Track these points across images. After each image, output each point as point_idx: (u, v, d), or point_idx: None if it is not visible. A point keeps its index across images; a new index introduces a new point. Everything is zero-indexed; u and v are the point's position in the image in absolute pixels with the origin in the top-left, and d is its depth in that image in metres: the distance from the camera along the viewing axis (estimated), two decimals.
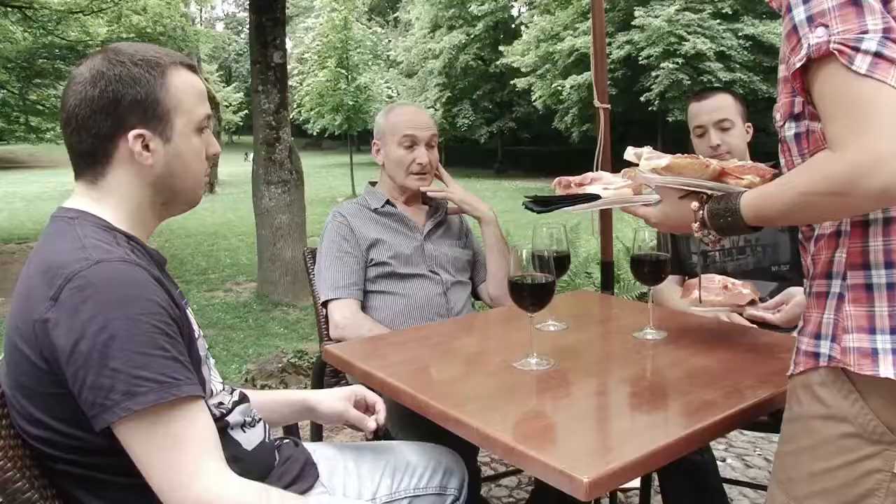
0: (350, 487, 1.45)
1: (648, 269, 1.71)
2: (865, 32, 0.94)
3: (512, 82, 26.93)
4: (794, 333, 1.17)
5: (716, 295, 1.82)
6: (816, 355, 1.07)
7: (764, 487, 2.59)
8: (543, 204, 1.52)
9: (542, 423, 1.27)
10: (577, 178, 1.63)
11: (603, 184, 1.58)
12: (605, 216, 2.83)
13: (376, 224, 2.22)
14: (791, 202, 1.04)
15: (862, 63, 0.93)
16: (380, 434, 1.66)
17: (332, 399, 1.50)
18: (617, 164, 2.89)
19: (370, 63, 23.79)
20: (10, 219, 14.12)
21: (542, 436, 1.22)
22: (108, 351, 0.97)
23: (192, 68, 1.22)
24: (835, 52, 0.94)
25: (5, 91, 13.19)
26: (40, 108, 14.06)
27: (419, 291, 2.14)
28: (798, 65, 0.99)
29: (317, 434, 2.20)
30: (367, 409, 1.52)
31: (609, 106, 2.67)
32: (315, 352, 3.55)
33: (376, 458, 1.52)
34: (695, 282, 1.89)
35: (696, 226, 1.28)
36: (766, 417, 1.62)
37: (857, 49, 0.94)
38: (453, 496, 1.53)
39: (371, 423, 1.48)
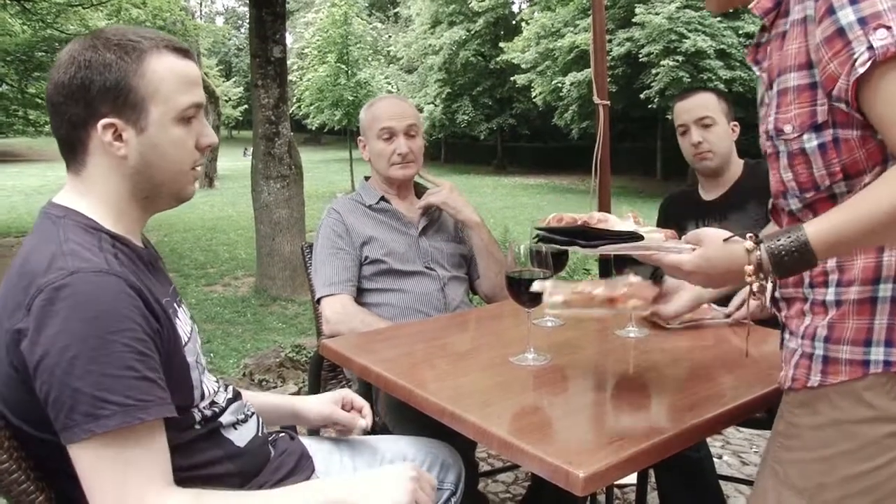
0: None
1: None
2: None
3: (512, 79, 26.89)
4: (818, 342, 1.10)
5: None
6: (865, 363, 1.04)
7: None
8: (566, 236, 1.29)
9: (539, 419, 1.27)
10: (582, 216, 1.54)
11: (612, 226, 1.44)
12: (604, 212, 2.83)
13: (371, 220, 2.22)
14: (879, 222, 0.95)
15: None
16: (377, 429, 1.67)
17: (319, 403, 1.51)
18: (616, 161, 2.90)
19: (370, 58, 23.75)
20: (9, 212, 14.10)
21: (538, 431, 1.22)
22: (73, 370, 0.94)
23: (183, 52, 1.13)
24: None
25: (4, 84, 13.17)
26: (39, 101, 14.03)
27: (416, 287, 2.14)
28: (862, 69, 0.95)
29: (314, 429, 2.21)
30: (354, 411, 1.53)
31: (609, 102, 2.67)
32: (313, 346, 3.56)
33: (373, 452, 1.52)
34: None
35: (749, 269, 1.05)
36: (762, 414, 1.62)
37: None
38: (450, 490, 1.53)
39: (361, 421, 1.49)
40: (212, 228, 11.18)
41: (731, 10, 1.18)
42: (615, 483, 2.52)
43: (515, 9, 32.04)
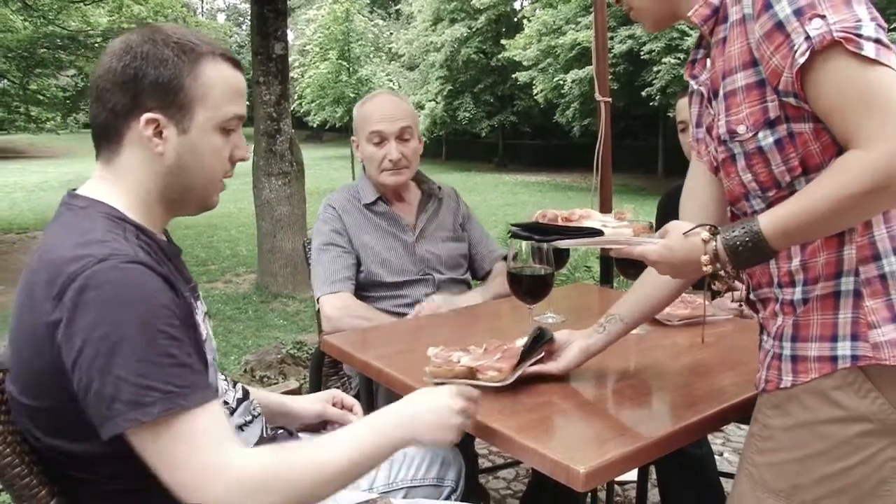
0: None
1: (634, 265, 1.72)
2: (860, 21, 0.93)
3: (513, 76, 26.83)
4: (786, 342, 1.10)
5: (682, 309, 1.82)
6: (833, 359, 1.04)
7: None
8: (541, 233, 1.40)
9: (540, 415, 1.28)
10: (564, 213, 1.57)
11: (594, 221, 1.50)
12: (606, 210, 2.83)
13: (366, 223, 2.16)
14: (829, 210, 0.96)
15: (869, 49, 0.91)
16: None
17: (309, 402, 1.51)
18: (617, 159, 2.90)
19: (371, 55, 23.74)
20: (11, 208, 14.11)
21: (539, 427, 1.22)
22: (113, 359, 0.92)
23: (235, 63, 1.14)
24: (840, 40, 0.92)
25: (6, 80, 13.17)
26: (41, 97, 14.04)
27: (412, 292, 2.12)
28: (802, 60, 0.95)
29: (313, 428, 2.21)
30: (345, 410, 1.54)
31: (610, 99, 2.67)
32: (314, 343, 3.56)
33: None
34: None
35: (706, 258, 1.07)
36: None
37: (860, 36, 0.92)
38: (450, 487, 1.54)
39: (352, 417, 1.50)
40: (213, 225, 11.18)
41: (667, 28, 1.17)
42: (616, 480, 2.53)
43: (517, 6, 31.97)
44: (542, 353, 1.38)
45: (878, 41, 0.92)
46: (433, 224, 2.25)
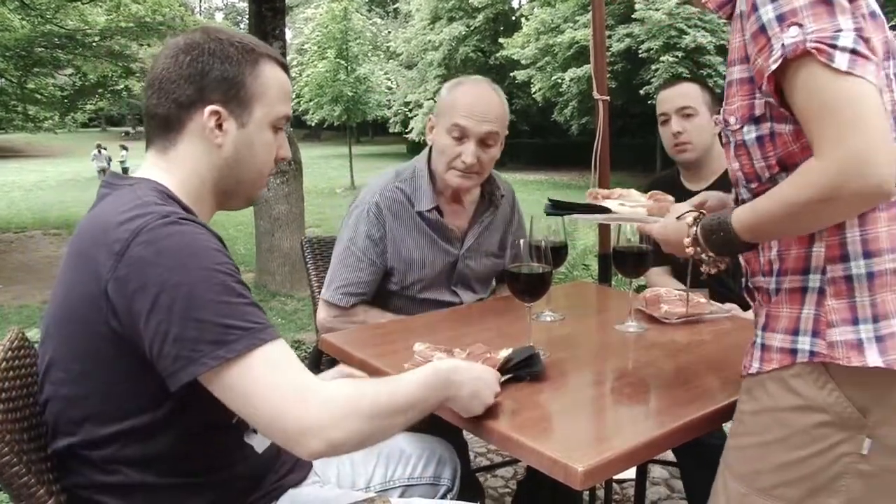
0: (344, 476, 1.45)
1: (630, 262, 1.73)
2: (839, 31, 0.93)
3: (511, 74, 26.84)
4: (759, 330, 1.14)
5: (681, 307, 1.83)
6: (793, 351, 1.07)
7: None
8: (560, 208, 1.54)
9: (538, 413, 1.28)
10: (605, 192, 1.62)
11: (627, 200, 1.56)
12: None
13: (416, 233, 1.97)
14: (782, 213, 1.01)
15: (842, 61, 0.92)
16: None
17: (324, 375, 1.49)
18: (615, 157, 2.89)
19: (370, 54, 23.71)
20: (8, 207, 14.10)
21: (537, 425, 1.22)
22: (192, 302, 0.95)
23: (285, 67, 1.21)
24: (812, 50, 0.93)
25: (3, 79, 13.14)
26: (38, 96, 14.01)
27: (433, 307, 2.02)
28: (773, 66, 0.97)
29: None
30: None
31: (608, 98, 2.66)
32: (312, 342, 3.56)
33: (368, 448, 1.51)
34: (658, 295, 1.91)
35: (687, 241, 1.19)
36: None
37: (834, 46, 0.93)
38: (446, 486, 1.54)
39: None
40: (211, 223, 11.18)
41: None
42: (614, 478, 2.53)
43: (515, 4, 31.99)
44: (524, 378, 1.37)
45: (854, 51, 0.93)
46: (482, 238, 2.08)
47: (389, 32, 35.16)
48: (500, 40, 27.87)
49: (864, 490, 1.03)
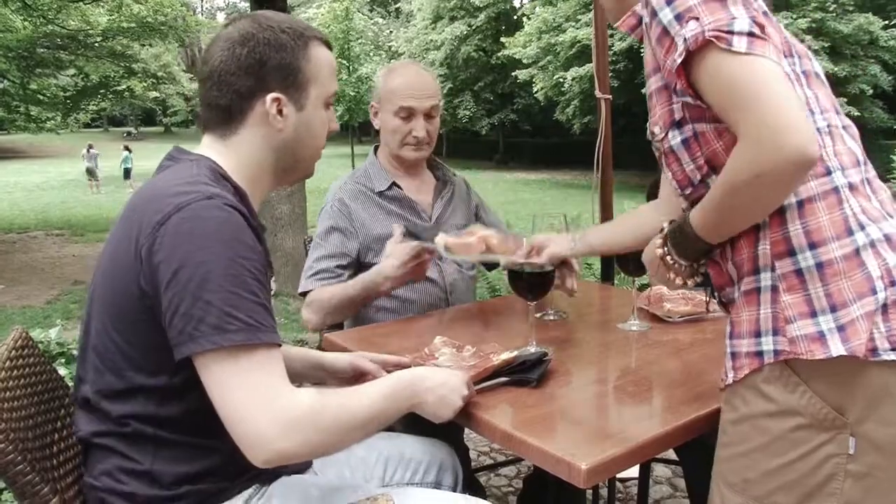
0: (343, 475, 1.44)
1: (633, 261, 1.72)
2: (734, 18, 0.97)
3: (513, 74, 26.84)
4: (727, 339, 1.13)
5: (684, 306, 1.82)
6: (759, 354, 1.06)
7: None
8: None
9: (541, 411, 1.28)
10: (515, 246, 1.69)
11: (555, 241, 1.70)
12: (607, 208, 2.83)
13: (380, 211, 2.07)
14: (723, 199, 1.02)
15: (740, 43, 0.96)
16: None
17: (346, 356, 1.54)
18: (618, 156, 2.89)
19: (371, 54, 23.79)
20: (11, 208, 14.12)
21: (540, 423, 1.22)
22: (206, 284, 1.00)
23: (329, 46, 1.27)
24: (712, 38, 0.97)
25: (6, 80, 13.17)
26: (40, 97, 14.04)
27: (421, 298, 2.05)
28: (679, 60, 1.00)
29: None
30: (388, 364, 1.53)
31: (610, 97, 2.66)
32: (315, 341, 3.56)
33: (369, 447, 1.51)
34: (661, 293, 1.91)
35: (658, 242, 1.21)
36: None
37: (731, 32, 0.96)
38: (448, 491, 1.53)
39: (384, 372, 1.48)
40: None
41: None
42: (617, 477, 2.53)
43: (517, 3, 31.97)
44: (531, 383, 1.37)
45: (750, 34, 0.96)
46: (450, 209, 2.19)
47: (391, 32, 35.19)
48: (502, 39, 27.85)
49: (861, 491, 1.00)
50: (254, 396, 1.00)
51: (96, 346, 1.13)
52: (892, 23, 18.93)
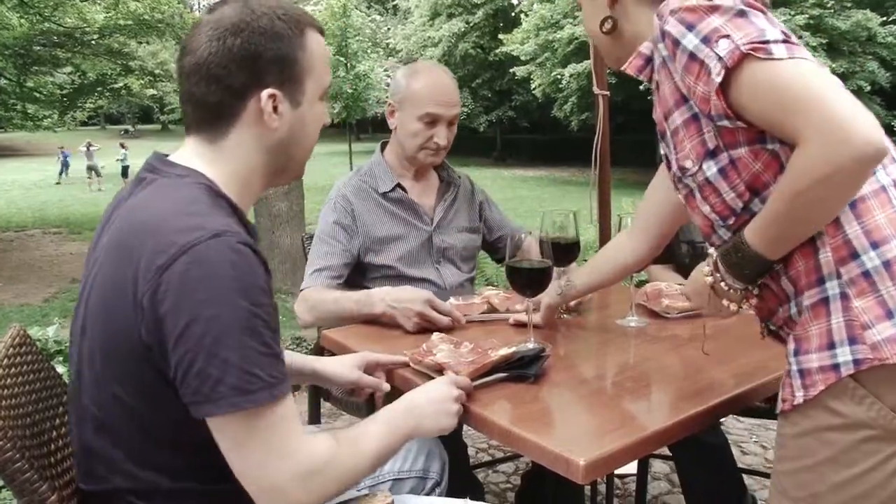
0: None
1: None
2: (764, 30, 0.97)
3: (511, 70, 26.80)
4: (791, 357, 1.08)
5: (682, 302, 1.82)
6: (835, 367, 1.01)
7: (760, 474, 2.60)
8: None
9: (539, 407, 1.28)
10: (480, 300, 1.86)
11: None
12: (604, 204, 2.83)
13: (384, 213, 2.06)
14: (788, 209, 0.99)
15: (780, 51, 0.95)
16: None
17: (342, 367, 1.48)
18: (615, 153, 2.89)
19: (369, 51, 23.73)
20: (8, 206, 14.10)
21: (538, 419, 1.23)
22: (222, 339, 0.91)
23: (322, 32, 1.14)
24: (749, 52, 0.96)
25: (2, 78, 13.13)
26: (37, 95, 14.00)
27: (419, 284, 2.01)
28: (718, 80, 0.98)
29: (315, 418, 2.22)
30: (378, 371, 1.50)
31: (608, 93, 2.66)
32: (313, 338, 3.56)
33: None
34: (659, 289, 1.91)
35: (707, 269, 1.16)
36: (762, 404, 1.63)
37: (766, 42, 0.96)
38: (435, 480, 1.53)
39: (385, 385, 1.48)
40: None
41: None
42: (616, 473, 2.53)
43: (514, 0, 31.92)
44: (529, 379, 1.37)
45: (786, 41, 0.96)
46: (451, 212, 2.17)
47: (389, 29, 35.13)
48: (500, 36, 27.81)
49: None
50: (272, 454, 0.97)
51: (95, 399, 1.04)
52: (891, 19, 18.92)
